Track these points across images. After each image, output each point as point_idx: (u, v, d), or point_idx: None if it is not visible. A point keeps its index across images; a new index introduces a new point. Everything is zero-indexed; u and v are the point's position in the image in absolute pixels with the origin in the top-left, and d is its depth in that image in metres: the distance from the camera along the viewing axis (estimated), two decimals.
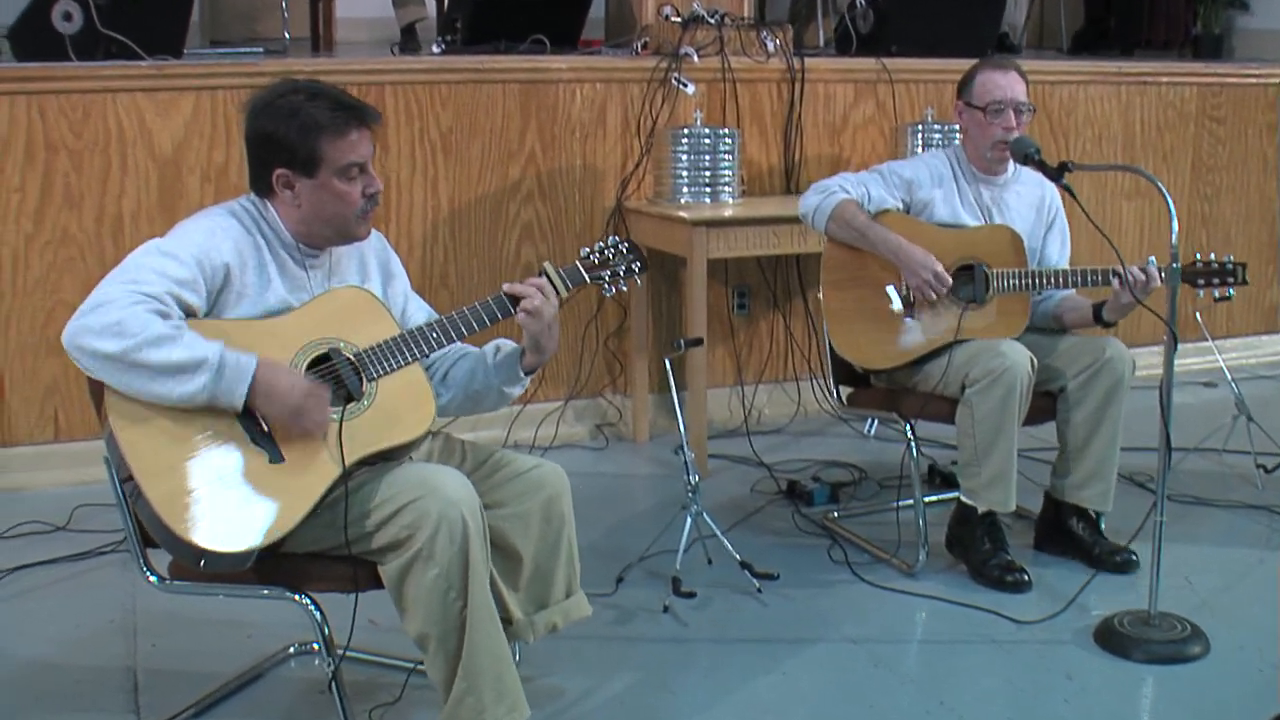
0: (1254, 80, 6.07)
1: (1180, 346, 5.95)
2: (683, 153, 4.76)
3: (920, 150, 5.07)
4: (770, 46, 5.12)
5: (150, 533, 2.52)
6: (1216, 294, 3.69)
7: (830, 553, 3.89)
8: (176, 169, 4.46)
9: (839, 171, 5.13)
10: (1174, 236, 3.19)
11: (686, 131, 4.77)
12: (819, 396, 5.39)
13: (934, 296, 3.65)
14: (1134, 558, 3.72)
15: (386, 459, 2.61)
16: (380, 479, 2.53)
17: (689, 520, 3.64)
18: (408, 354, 2.63)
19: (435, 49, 5.50)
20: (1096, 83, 5.76)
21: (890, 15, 5.56)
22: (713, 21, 5.04)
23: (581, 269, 2.82)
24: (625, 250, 2.86)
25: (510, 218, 4.92)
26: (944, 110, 5.33)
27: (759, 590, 3.61)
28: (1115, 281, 3.62)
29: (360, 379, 2.60)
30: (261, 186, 2.67)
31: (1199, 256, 3.71)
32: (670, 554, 3.71)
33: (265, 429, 2.50)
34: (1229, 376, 4.69)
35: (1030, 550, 3.88)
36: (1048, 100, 5.59)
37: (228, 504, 2.44)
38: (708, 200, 4.80)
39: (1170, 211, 3.17)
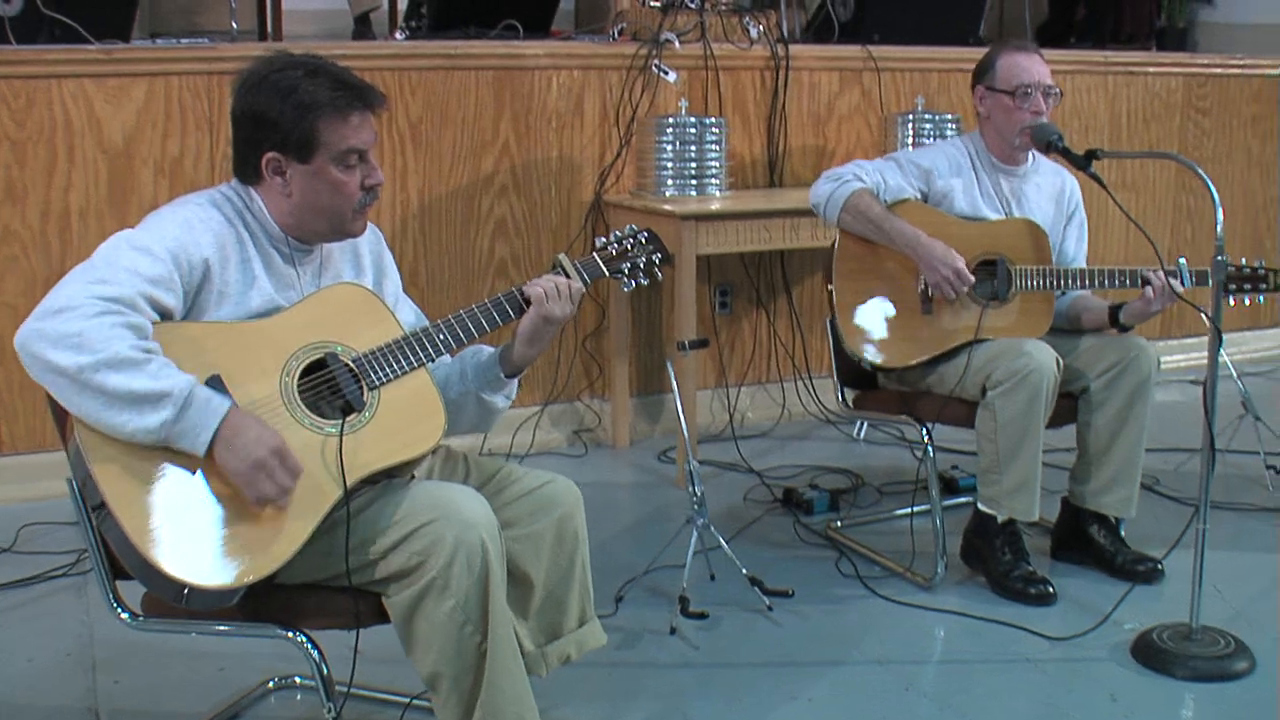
0: (1238, 71, 5.94)
1: (1165, 343, 5.89)
2: (667, 143, 4.53)
3: (911, 143, 4.88)
4: (753, 32, 4.89)
5: (122, 562, 2.22)
6: (1246, 300, 3.47)
7: (839, 565, 3.67)
8: (128, 161, 4.13)
9: (824, 165, 4.97)
10: (1219, 228, 3.00)
11: (671, 121, 4.53)
12: (804, 399, 5.18)
13: (954, 295, 3.44)
14: (1160, 567, 3.54)
15: (390, 477, 2.34)
16: (386, 499, 2.26)
17: (695, 534, 3.39)
18: (412, 358, 2.36)
19: (399, 36, 5.21)
20: (1083, 73, 5.60)
21: (871, 3, 5.35)
22: (693, 6, 4.80)
23: (599, 261, 2.57)
24: (644, 240, 2.62)
25: (483, 213, 4.64)
26: (932, 100, 5.14)
27: (769, 608, 3.38)
28: (1148, 290, 3.42)
29: (360, 387, 2.32)
30: (248, 172, 2.39)
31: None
32: (668, 570, 3.48)
33: None
34: (1235, 373, 4.50)
35: (1047, 559, 3.69)
36: None
37: (214, 532, 2.15)
38: (694, 193, 4.57)
39: (1214, 200, 2.97)
